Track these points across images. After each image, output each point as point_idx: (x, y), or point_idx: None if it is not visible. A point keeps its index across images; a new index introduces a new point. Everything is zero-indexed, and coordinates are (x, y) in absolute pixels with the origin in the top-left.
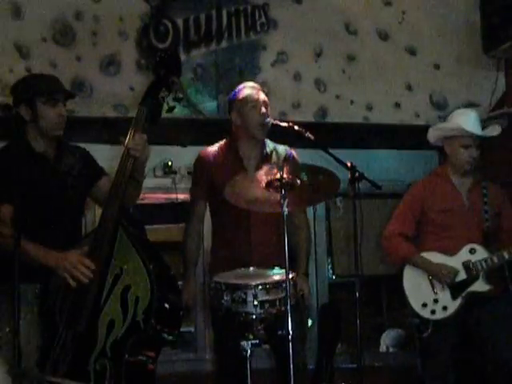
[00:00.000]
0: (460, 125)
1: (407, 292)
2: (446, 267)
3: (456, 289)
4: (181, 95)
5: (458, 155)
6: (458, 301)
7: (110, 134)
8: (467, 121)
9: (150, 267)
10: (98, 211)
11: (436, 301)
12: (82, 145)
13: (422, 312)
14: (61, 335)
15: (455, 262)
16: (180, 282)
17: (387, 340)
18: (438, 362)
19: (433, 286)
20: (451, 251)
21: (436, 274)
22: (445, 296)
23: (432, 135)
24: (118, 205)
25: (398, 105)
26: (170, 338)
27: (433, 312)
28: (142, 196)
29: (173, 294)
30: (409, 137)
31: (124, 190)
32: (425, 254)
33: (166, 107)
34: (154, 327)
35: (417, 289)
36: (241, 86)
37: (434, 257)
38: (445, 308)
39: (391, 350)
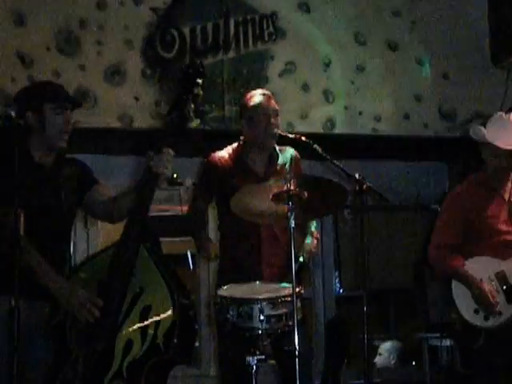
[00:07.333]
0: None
1: (456, 300)
2: (485, 294)
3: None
4: (203, 108)
5: (488, 162)
6: None
7: (114, 145)
8: (497, 130)
9: (172, 289)
10: (103, 225)
11: None
12: (86, 156)
13: (474, 319)
14: (71, 353)
15: (506, 265)
16: None
17: (384, 352)
18: (493, 377)
19: None
20: (503, 256)
21: (477, 299)
22: (499, 300)
23: (474, 135)
24: (142, 221)
25: (406, 116)
26: (186, 359)
27: (486, 318)
28: None
29: (190, 315)
30: (417, 148)
31: (149, 205)
32: (474, 260)
33: (191, 120)
34: (175, 349)
35: (468, 295)
36: (252, 93)
37: (485, 262)
38: (500, 313)
39: (392, 361)
